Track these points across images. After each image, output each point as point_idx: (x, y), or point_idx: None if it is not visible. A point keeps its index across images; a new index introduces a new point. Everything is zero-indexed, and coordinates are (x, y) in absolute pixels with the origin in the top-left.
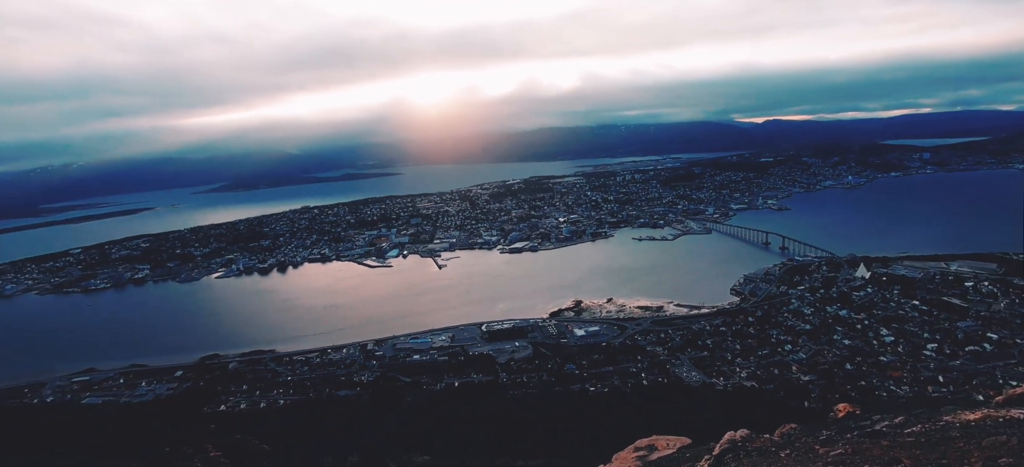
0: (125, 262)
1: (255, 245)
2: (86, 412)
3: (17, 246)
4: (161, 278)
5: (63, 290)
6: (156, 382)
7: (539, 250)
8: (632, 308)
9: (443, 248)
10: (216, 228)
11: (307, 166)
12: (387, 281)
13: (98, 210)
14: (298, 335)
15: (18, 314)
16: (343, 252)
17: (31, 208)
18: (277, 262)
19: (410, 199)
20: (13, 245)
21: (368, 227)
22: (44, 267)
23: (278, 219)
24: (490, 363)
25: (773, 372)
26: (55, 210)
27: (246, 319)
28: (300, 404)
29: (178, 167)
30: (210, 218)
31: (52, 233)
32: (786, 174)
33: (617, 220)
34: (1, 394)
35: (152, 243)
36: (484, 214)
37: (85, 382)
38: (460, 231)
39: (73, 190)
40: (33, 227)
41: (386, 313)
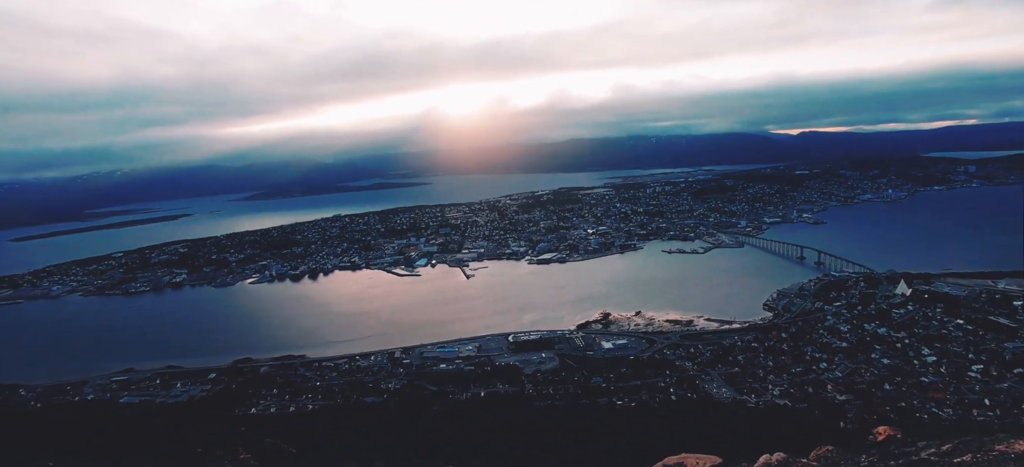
0: (164, 266)
1: (288, 252)
2: (124, 411)
3: (63, 249)
4: (197, 282)
5: (105, 292)
6: (190, 383)
7: (567, 261)
8: (661, 322)
9: (471, 258)
10: (251, 235)
11: (340, 175)
12: (415, 290)
13: (139, 215)
14: (327, 341)
15: (63, 314)
16: (373, 260)
17: (77, 213)
18: (309, 269)
19: (439, 209)
20: (60, 248)
21: (398, 236)
22: (88, 269)
23: (310, 227)
24: (516, 374)
25: (807, 390)
26: (99, 215)
27: (278, 324)
28: (328, 410)
29: (215, 175)
30: (245, 225)
31: (96, 237)
32: (822, 187)
33: (647, 232)
34: (46, 391)
35: (189, 248)
36: (512, 225)
37: (123, 381)
38: (488, 241)
39: (116, 196)
40: (78, 231)
41: (414, 321)
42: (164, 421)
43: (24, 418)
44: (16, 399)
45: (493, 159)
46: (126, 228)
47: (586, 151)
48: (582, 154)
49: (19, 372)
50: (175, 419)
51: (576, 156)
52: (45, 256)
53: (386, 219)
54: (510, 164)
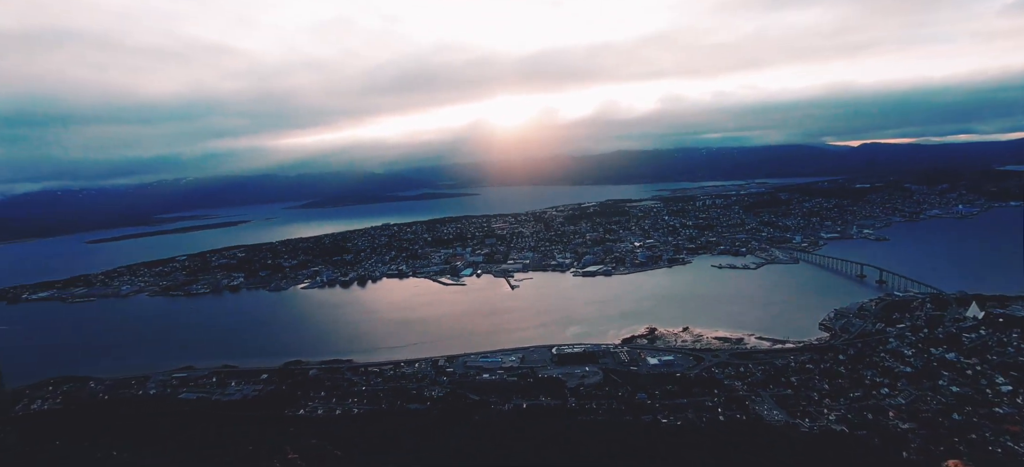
0: (223, 270)
1: (338, 259)
2: (182, 406)
3: (134, 251)
4: (253, 286)
5: (169, 292)
6: (244, 383)
7: (613, 274)
8: (710, 339)
9: (516, 269)
10: (304, 242)
11: (389, 185)
12: (460, 299)
13: (202, 221)
14: (374, 347)
15: (131, 312)
16: (419, 269)
17: (147, 218)
18: (358, 276)
19: (485, 219)
20: (130, 250)
21: (444, 245)
22: (154, 271)
23: (360, 235)
24: (559, 387)
25: (866, 417)
26: (167, 220)
27: (327, 329)
28: (373, 415)
29: (273, 183)
30: (299, 232)
31: (163, 241)
32: (885, 201)
33: (696, 246)
34: (114, 384)
35: (247, 254)
36: (558, 236)
37: (183, 378)
38: (534, 252)
39: (182, 203)
40: (147, 235)
41: (458, 330)
42: (219, 418)
43: (94, 409)
44: (87, 391)
45: (539, 170)
46: (190, 233)
47: (633, 163)
48: (629, 166)
49: (90, 366)
50: (229, 416)
51: (623, 168)
52: (117, 257)
53: (433, 229)
54: (556, 176)
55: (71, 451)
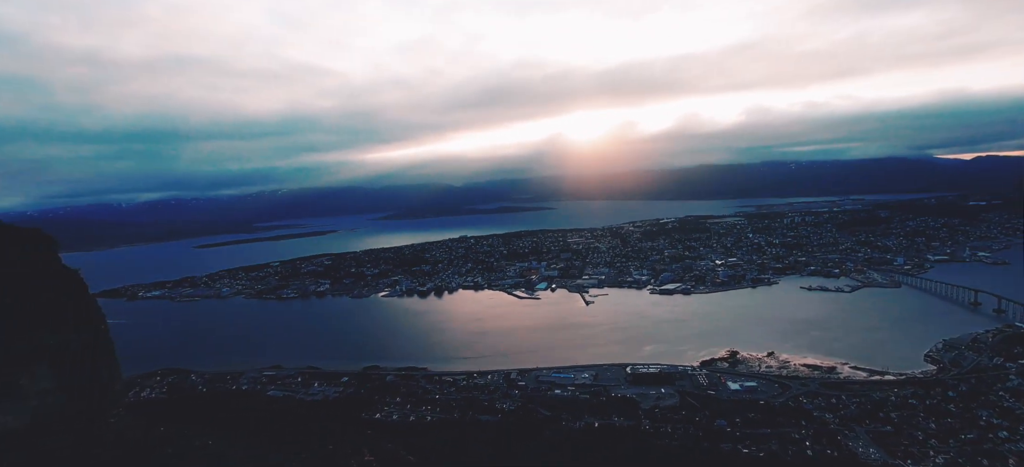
0: (311, 276)
1: (417, 269)
2: (270, 402)
3: (234, 256)
4: (338, 292)
5: (263, 295)
6: (326, 384)
7: (692, 293)
8: (797, 365)
9: (591, 284)
10: (385, 252)
11: (468, 198)
12: (534, 313)
13: (294, 230)
14: (448, 357)
15: (229, 312)
16: (495, 281)
17: (247, 225)
18: (435, 286)
19: (561, 234)
20: (232, 255)
21: (519, 259)
22: (251, 275)
23: (438, 247)
24: (633, 407)
25: (981, 462)
26: (263, 228)
27: (404, 336)
28: (445, 423)
29: (358, 196)
30: (381, 242)
31: (259, 247)
32: (1004, 221)
33: (783, 266)
34: (211, 377)
35: (333, 262)
36: (635, 252)
37: (272, 376)
38: (610, 268)
39: (278, 212)
40: (247, 241)
41: (531, 344)
42: (303, 416)
43: (194, 400)
44: (189, 382)
45: (617, 185)
46: (283, 241)
47: (716, 178)
48: (711, 181)
49: (192, 360)
50: (312, 415)
51: (705, 183)
52: (220, 261)
53: (509, 242)
54: (634, 190)
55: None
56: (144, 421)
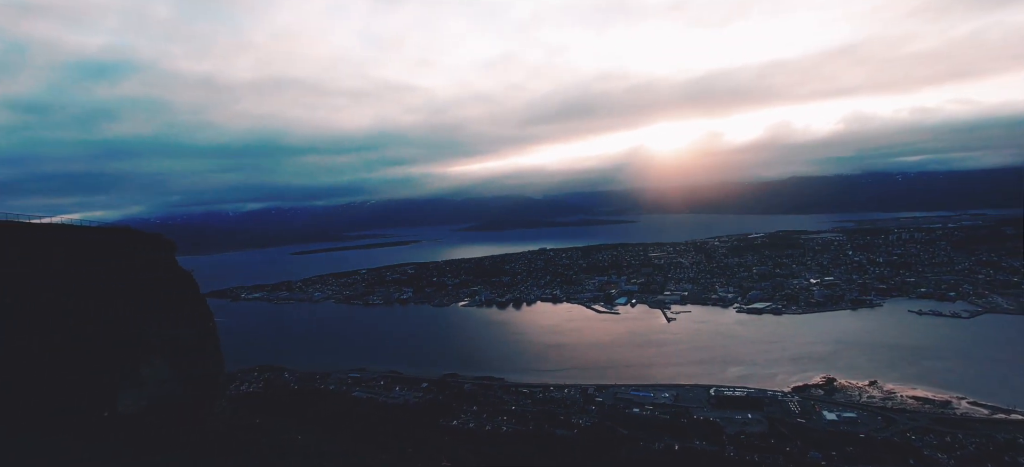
0: (395, 284)
1: (496, 280)
2: (354, 403)
3: (326, 263)
4: (420, 301)
5: (350, 301)
6: (407, 389)
7: (783, 313)
8: (904, 397)
9: (673, 300)
10: (466, 262)
11: (547, 211)
12: (613, 328)
13: (380, 240)
14: (525, 368)
15: (319, 315)
16: (573, 295)
17: (338, 234)
18: (513, 298)
19: (642, 248)
20: (324, 262)
21: (599, 273)
22: (340, 281)
23: (517, 259)
24: (716, 432)
25: None
26: (352, 237)
27: (482, 346)
28: (520, 435)
29: (441, 207)
30: (462, 253)
31: (348, 255)
32: None
33: (887, 287)
34: (302, 376)
35: (416, 271)
36: (721, 268)
37: (357, 378)
38: (693, 284)
39: (366, 222)
40: (337, 249)
41: (609, 360)
42: (385, 418)
43: (286, 396)
44: (282, 379)
45: (702, 198)
46: (370, 250)
47: (810, 190)
48: (805, 194)
49: (286, 357)
50: (393, 418)
51: (798, 196)
52: (313, 268)
53: (588, 255)
54: (721, 204)
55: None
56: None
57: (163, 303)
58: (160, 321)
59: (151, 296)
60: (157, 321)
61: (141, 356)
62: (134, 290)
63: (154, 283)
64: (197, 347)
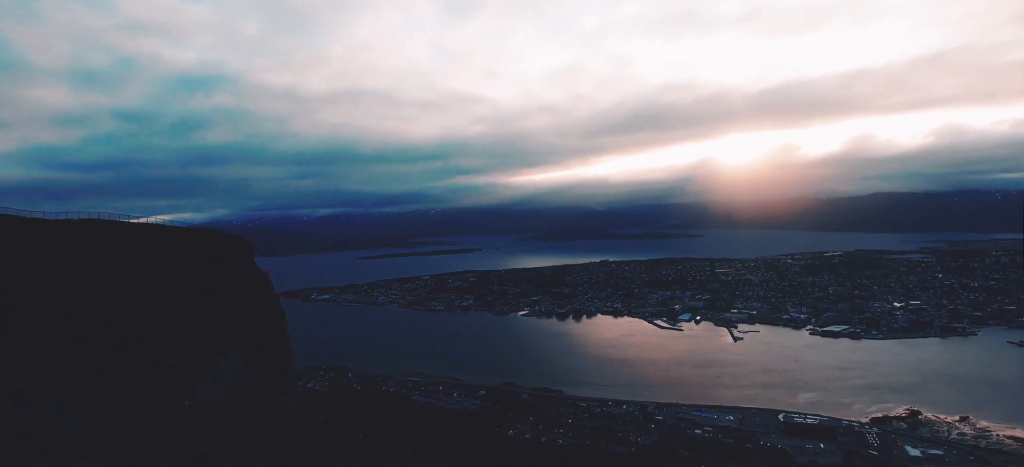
0: (456, 291)
1: (556, 291)
2: (413, 406)
3: (391, 268)
4: (480, 308)
5: (413, 306)
6: (465, 396)
7: (862, 338)
8: (1001, 436)
9: (741, 319)
10: (527, 272)
11: (610, 222)
12: (675, 344)
13: (444, 247)
14: (583, 381)
15: (383, 319)
16: (635, 308)
17: (404, 241)
18: (573, 309)
19: (708, 263)
20: (388, 267)
21: (662, 287)
22: (404, 286)
23: (579, 270)
24: (785, 460)
25: None
26: (417, 243)
27: (541, 356)
28: (577, 448)
29: (504, 217)
30: (523, 263)
31: (413, 261)
32: None
33: (983, 314)
34: (365, 377)
35: (478, 279)
36: (793, 287)
37: (416, 382)
38: (762, 303)
39: (430, 229)
40: (402, 255)
41: (670, 378)
42: (442, 423)
43: (350, 395)
44: (346, 379)
45: (773, 213)
46: (433, 256)
47: (894, 208)
48: (889, 211)
49: (350, 358)
50: (450, 424)
51: (880, 213)
52: (379, 272)
53: (652, 269)
54: (793, 219)
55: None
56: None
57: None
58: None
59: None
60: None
61: (220, 350)
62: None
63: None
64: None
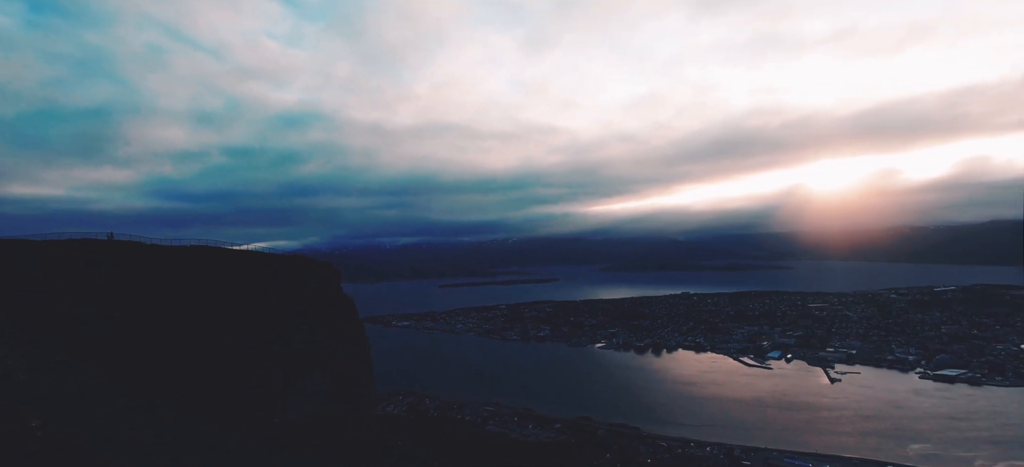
0: (532, 321)
1: (635, 323)
2: (488, 436)
3: (469, 296)
4: (556, 339)
5: (489, 335)
6: (539, 427)
7: (983, 385)
8: None
9: (838, 359)
10: (604, 303)
11: (691, 253)
12: (763, 384)
13: (520, 276)
14: (663, 419)
15: (461, 347)
16: (718, 344)
17: (481, 269)
18: (652, 342)
19: (800, 297)
20: (465, 296)
21: (748, 322)
22: (481, 315)
23: (658, 302)
24: None
25: None
26: (494, 273)
27: (618, 391)
28: None
29: (580, 247)
30: (600, 293)
31: (490, 290)
32: None
33: None
34: (441, 405)
35: (554, 309)
36: (899, 325)
37: (491, 412)
38: (863, 342)
39: (508, 259)
40: (480, 284)
41: (758, 419)
42: (516, 454)
43: (426, 421)
44: (424, 405)
45: (872, 243)
46: (510, 286)
47: (1018, 238)
48: (1012, 242)
49: (428, 384)
50: (524, 455)
51: (1001, 244)
52: (457, 300)
53: (737, 302)
54: (896, 250)
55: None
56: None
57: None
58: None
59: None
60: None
61: (306, 370)
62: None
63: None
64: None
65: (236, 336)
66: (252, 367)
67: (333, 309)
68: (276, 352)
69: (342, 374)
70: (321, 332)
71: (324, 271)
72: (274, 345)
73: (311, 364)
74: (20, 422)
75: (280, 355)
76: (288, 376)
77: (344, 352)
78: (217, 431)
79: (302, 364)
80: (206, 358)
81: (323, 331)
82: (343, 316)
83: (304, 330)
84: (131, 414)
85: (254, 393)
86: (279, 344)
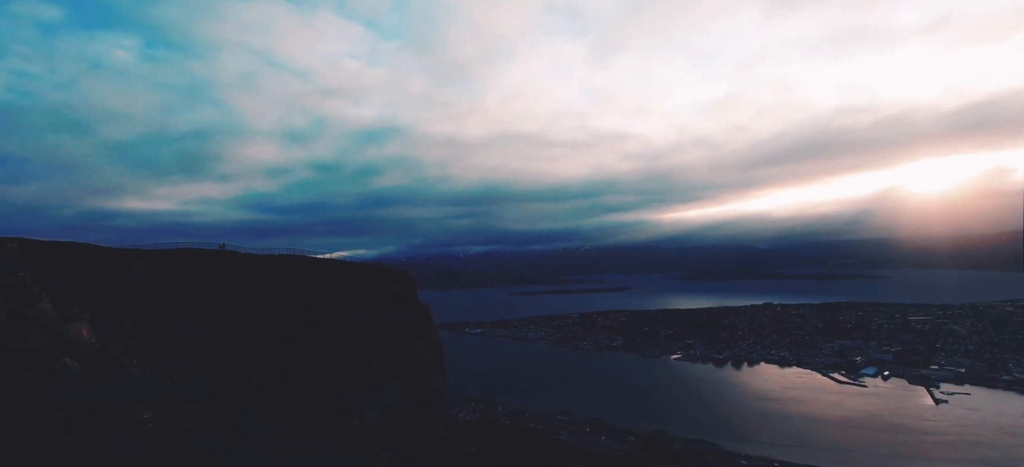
0: (605, 331)
1: (713, 334)
2: (559, 446)
3: (541, 305)
4: (630, 350)
5: (561, 344)
6: (612, 440)
7: None
8: None
9: (944, 378)
10: (680, 313)
11: (773, 261)
12: (856, 403)
13: (593, 285)
14: (744, 437)
15: (533, 355)
16: (805, 358)
17: (553, 278)
18: (733, 355)
19: (898, 309)
20: (537, 304)
21: (839, 335)
22: (553, 323)
23: (738, 313)
24: None
25: None
26: (567, 281)
27: (695, 404)
28: None
29: (655, 254)
30: (676, 303)
31: (562, 299)
32: None
33: None
34: (514, 412)
35: (628, 319)
36: (1016, 342)
37: (563, 422)
38: (973, 359)
39: (580, 267)
40: (552, 292)
41: (852, 442)
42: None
43: (498, 429)
44: (495, 412)
45: (981, 250)
46: (583, 294)
47: None
48: None
49: (500, 392)
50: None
51: None
52: (529, 308)
53: (826, 314)
54: (1010, 258)
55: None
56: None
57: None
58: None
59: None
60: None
61: (385, 376)
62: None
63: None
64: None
65: (321, 341)
66: (337, 374)
67: (410, 317)
68: (357, 359)
69: (418, 380)
70: (399, 339)
71: (401, 279)
72: (355, 351)
73: (390, 371)
74: (133, 415)
75: (361, 362)
76: (368, 382)
77: (420, 360)
78: (310, 435)
79: (381, 371)
80: (293, 363)
81: (401, 338)
82: (419, 323)
83: (383, 337)
84: (227, 414)
85: (335, 398)
86: (359, 350)
